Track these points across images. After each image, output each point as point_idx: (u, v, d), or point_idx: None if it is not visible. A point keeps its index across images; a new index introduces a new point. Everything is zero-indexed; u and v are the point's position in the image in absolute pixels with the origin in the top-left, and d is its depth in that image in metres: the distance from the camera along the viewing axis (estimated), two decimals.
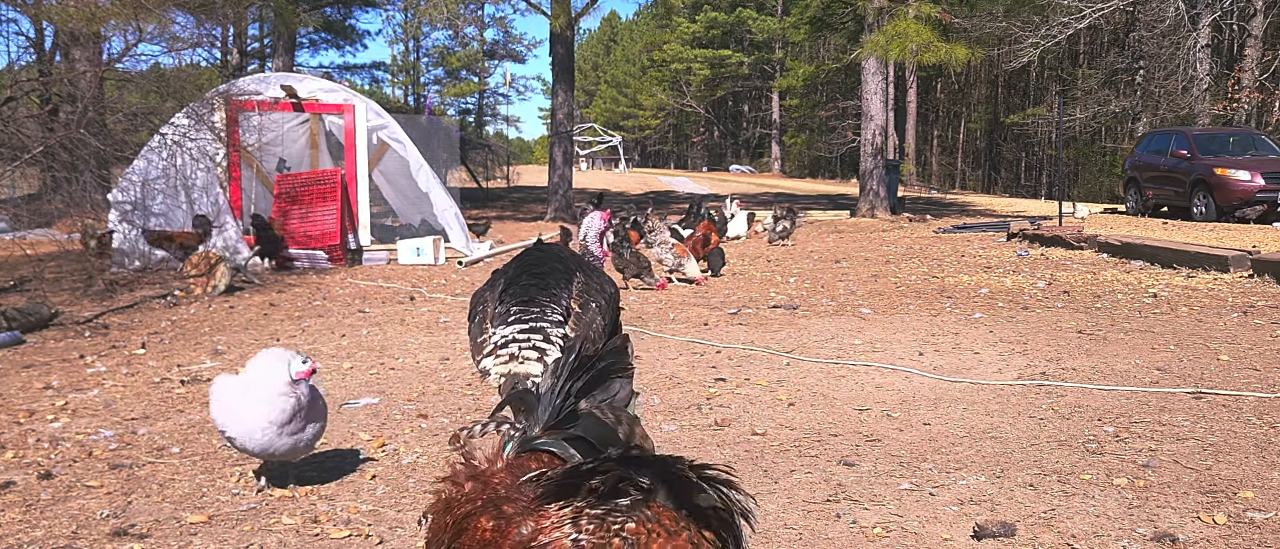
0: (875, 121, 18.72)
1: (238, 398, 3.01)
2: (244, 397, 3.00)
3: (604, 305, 2.98)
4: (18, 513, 2.94)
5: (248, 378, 3.03)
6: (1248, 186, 15.34)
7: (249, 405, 2.98)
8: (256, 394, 2.99)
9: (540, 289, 2.78)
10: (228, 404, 3.03)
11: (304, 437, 3.08)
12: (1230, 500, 2.94)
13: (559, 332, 2.66)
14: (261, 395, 2.98)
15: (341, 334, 6.08)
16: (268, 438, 2.99)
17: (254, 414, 2.98)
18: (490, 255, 11.16)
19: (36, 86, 11.54)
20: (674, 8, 55.05)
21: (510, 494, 1.30)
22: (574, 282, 2.85)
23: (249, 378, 3.03)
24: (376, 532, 2.78)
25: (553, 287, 2.82)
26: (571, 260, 3.04)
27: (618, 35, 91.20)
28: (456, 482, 1.38)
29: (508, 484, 1.32)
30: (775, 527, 2.80)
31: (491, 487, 1.34)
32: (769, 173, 57.59)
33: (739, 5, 59.79)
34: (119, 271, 8.70)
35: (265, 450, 3.03)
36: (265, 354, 3.08)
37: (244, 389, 3.01)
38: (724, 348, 5.49)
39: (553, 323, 2.72)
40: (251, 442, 3.01)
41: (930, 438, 3.66)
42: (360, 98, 11.87)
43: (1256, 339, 5.51)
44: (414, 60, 65.93)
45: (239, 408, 3.00)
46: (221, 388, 3.07)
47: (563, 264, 2.92)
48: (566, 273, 2.90)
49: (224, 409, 3.03)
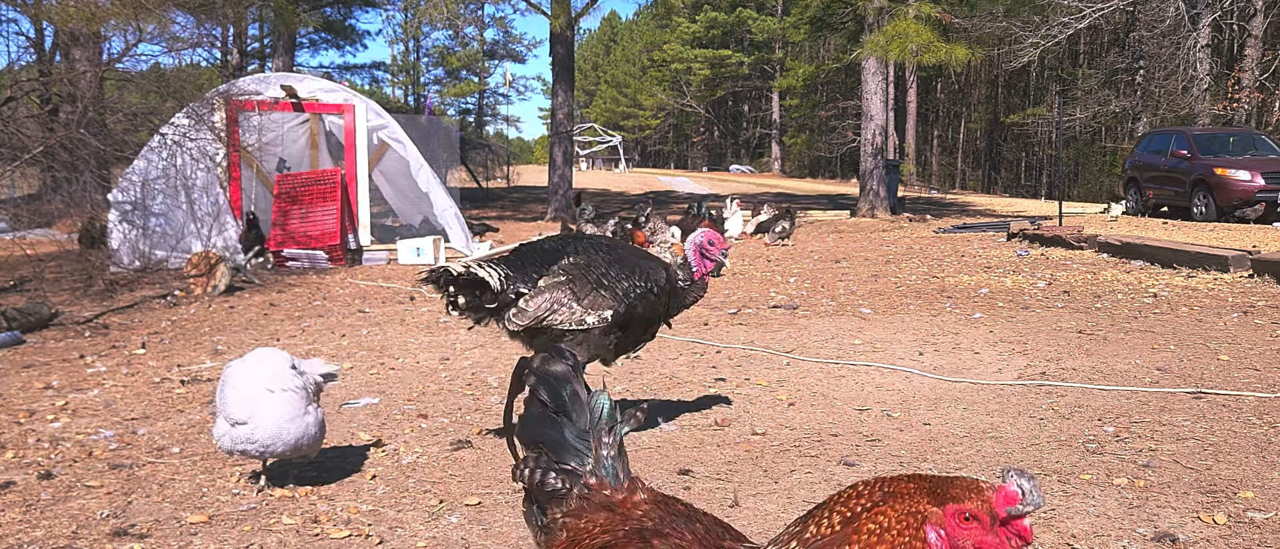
0: (875, 121, 18.71)
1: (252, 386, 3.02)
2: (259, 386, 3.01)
3: (603, 298, 3.36)
4: (18, 513, 2.94)
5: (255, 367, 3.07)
6: (1248, 186, 15.34)
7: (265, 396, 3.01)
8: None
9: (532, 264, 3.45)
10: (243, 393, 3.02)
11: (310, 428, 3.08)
12: (1230, 500, 2.94)
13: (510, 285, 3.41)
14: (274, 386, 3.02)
15: (341, 334, 6.08)
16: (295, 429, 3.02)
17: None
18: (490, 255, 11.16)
19: (36, 86, 11.54)
20: (674, 8, 55.03)
21: (661, 527, 1.31)
22: (568, 267, 3.44)
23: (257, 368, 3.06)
24: (376, 532, 2.78)
25: (544, 265, 3.43)
26: (602, 253, 3.43)
27: (618, 35, 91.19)
28: (582, 514, 1.37)
29: (656, 517, 1.33)
30: (775, 527, 2.80)
31: (634, 518, 1.34)
32: (769, 173, 57.57)
33: (739, 5, 59.77)
34: (119, 271, 8.71)
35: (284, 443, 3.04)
36: (263, 350, 3.13)
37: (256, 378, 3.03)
38: (724, 348, 5.49)
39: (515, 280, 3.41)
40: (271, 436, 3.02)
41: (930, 438, 3.66)
42: (360, 98, 11.87)
43: (1256, 339, 5.51)
44: (414, 60, 65.94)
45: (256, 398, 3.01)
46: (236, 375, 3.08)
47: (586, 255, 3.45)
48: (572, 262, 3.44)
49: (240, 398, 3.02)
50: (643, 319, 3.51)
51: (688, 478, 3.23)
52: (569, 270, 3.45)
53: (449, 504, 3.01)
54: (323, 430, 3.15)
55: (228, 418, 3.01)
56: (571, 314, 3.38)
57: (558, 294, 3.39)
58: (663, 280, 3.50)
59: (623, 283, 3.42)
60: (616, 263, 3.48)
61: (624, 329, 3.46)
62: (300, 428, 3.01)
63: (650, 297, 3.48)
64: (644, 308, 3.48)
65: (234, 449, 3.02)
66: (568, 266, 3.46)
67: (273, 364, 3.04)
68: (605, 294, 3.40)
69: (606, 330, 3.43)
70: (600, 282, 3.41)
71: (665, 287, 3.52)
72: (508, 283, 3.40)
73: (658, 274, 3.51)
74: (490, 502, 3.03)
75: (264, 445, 2.98)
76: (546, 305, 3.37)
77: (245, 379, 3.02)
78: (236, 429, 2.98)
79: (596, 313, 3.38)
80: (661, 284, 3.50)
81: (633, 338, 3.57)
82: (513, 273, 3.44)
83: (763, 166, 61.59)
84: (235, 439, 2.99)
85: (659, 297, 3.51)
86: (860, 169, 19.39)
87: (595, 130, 72.73)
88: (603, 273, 3.43)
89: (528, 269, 3.48)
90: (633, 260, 3.54)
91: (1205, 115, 23.14)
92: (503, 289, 3.38)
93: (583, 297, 3.38)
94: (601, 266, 3.44)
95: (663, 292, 3.52)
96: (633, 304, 3.43)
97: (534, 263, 3.50)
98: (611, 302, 3.40)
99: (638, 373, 4.87)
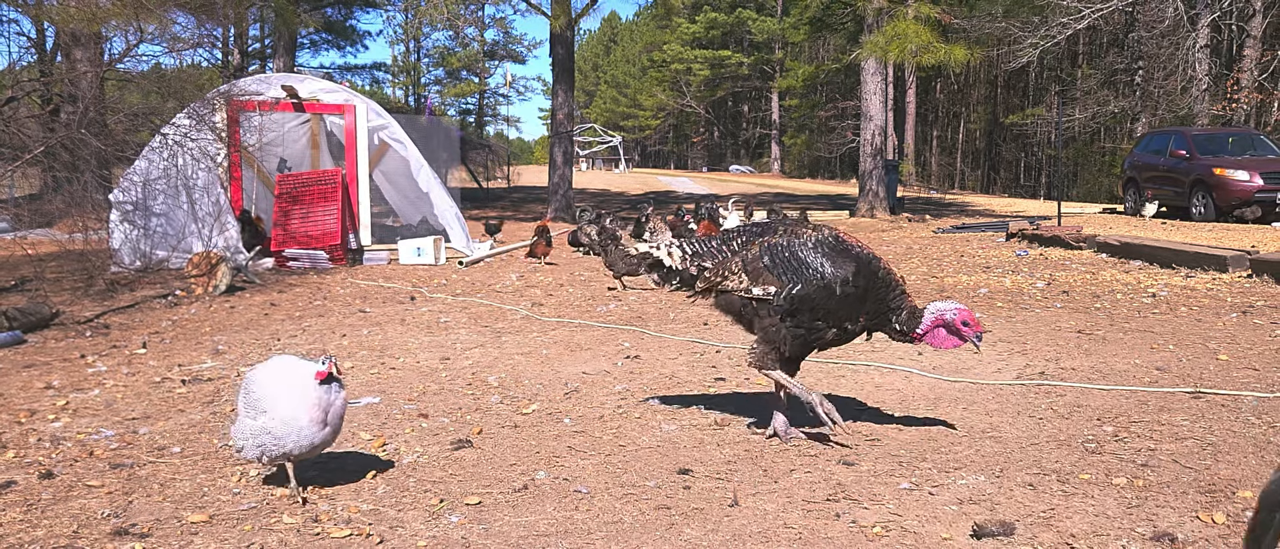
0: (874, 122, 18.73)
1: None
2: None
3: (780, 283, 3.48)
4: (19, 512, 2.94)
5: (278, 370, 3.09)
6: (1246, 187, 15.35)
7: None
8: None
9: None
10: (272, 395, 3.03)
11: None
12: (1229, 500, 2.95)
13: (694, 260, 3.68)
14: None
15: (342, 334, 6.09)
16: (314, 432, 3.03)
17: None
18: (490, 255, 11.17)
19: (37, 87, 11.54)
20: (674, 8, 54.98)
21: None
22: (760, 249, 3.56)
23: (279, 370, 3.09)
24: (377, 531, 2.79)
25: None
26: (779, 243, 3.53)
27: (618, 36, 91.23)
28: None
29: None
30: (775, 526, 2.81)
31: None
32: (769, 173, 57.60)
33: (739, 6, 59.80)
34: (119, 271, 8.71)
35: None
36: (281, 357, 3.17)
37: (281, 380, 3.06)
38: (724, 347, 5.50)
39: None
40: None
41: (930, 437, 3.67)
42: (361, 98, 11.87)
43: (1255, 339, 5.52)
44: (414, 61, 65.98)
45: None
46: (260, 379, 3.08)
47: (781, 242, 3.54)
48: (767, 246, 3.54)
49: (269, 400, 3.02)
50: (820, 312, 3.46)
51: (687, 477, 3.24)
52: (756, 248, 3.57)
53: (449, 503, 3.02)
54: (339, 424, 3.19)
55: (255, 417, 3.03)
56: (739, 282, 3.54)
57: (732, 262, 3.59)
58: (849, 278, 3.42)
59: (791, 267, 3.46)
60: (801, 250, 3.49)
61: (793, 316, 3.47)
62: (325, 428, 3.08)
63: (826, 291, 3.42)
64: (819, 300, 3.43)
65: (262, 455, 3.04)
66: (759, 244, 3.59)
67: (296, 365, 3.13)
68: (774, 273, 3.48)
69: (775, 311, 3.48)
70: (775, 261, 3.49)
71: (851, 290, 3.43)
72: (693, 259, 3.66)
73: (840, 270, 3.43)
74: (490, 501, 3.04)
75: (296, 444, 3.02)
76: (718, 271, 3.61)
77: (273, 378, 3.09)
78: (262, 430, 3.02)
79: (761, 286, 3.49)
80: (847, 282, 3.42)
81: (808, 330, 3.50)
82: (702, 249, 3.70)
83: (762, 167, 61.63)
84: (262, 442, 3.02)
85: (840, 298, 3.43)
86: (859, 169, 19.41)
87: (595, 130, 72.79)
88: (779, 255, 3.49)
89: (725, 243, 3.69)
90: (816, 253, 3.48)
91: (1204, 115, 23.15)
92: (684, 267, 3.68)
93: (750, 267, 3.53)
94: (783, 250, 3.50)
95: (845, 295, 3.43)
96: (802, 293, 3.44)
97: (733, 238, 3.69)
98: (776, 281, 3.48)
99: (638, 373, 4.88)
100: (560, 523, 2.85)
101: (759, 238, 3.59)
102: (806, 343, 3.56)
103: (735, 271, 3.56)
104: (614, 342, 5.77)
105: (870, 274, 3.47)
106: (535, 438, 3.73)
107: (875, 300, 3.50)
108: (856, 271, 3.45)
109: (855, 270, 3.45)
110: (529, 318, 6.71)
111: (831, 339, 3.57)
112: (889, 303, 3.51)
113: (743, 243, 3.62)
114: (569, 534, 2.76)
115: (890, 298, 3.51)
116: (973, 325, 3.46)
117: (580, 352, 5.48)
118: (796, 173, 54.43)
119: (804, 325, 3.50)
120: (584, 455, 3.50)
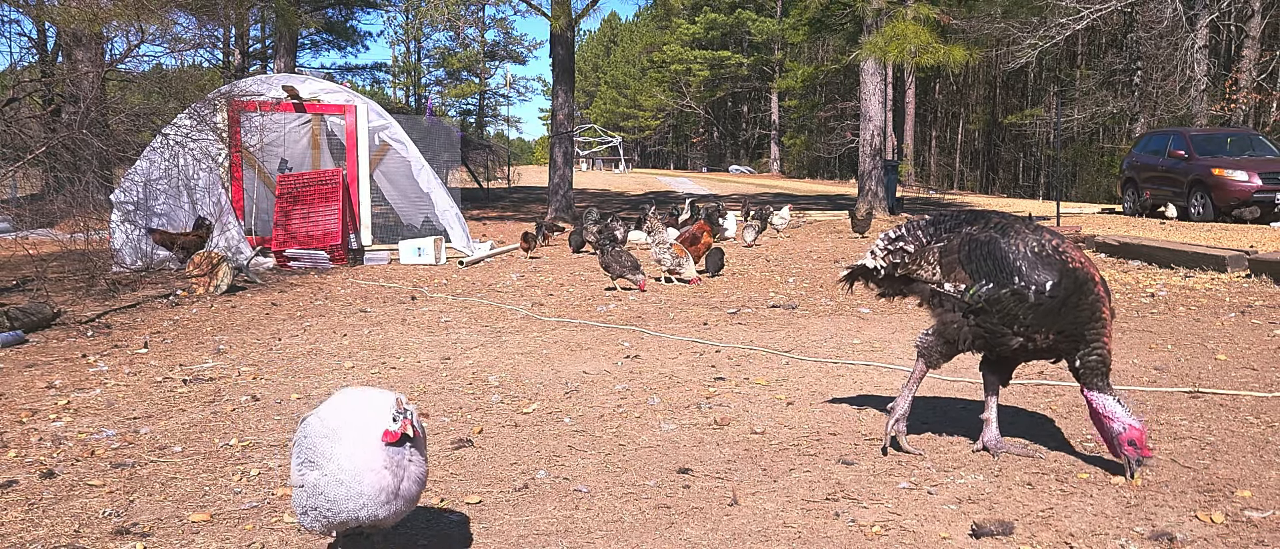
0: (873, 122, 18.74)
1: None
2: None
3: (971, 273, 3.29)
4: (20, 511, 2.95)
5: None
6: (1245, 187, 15.37)
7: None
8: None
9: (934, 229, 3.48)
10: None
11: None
12: (1228, 499, 2.96)
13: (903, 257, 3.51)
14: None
15: (343, 334, 6.10)
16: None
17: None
18: (491, 255, 11.18)
19: (39, 87, 11.56)
20: (674, 9, 55.06)
21: None
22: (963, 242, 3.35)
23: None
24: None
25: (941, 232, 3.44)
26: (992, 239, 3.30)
27: (618, 36, 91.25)
28: None
29: None
30: (774, 525, 2.82)
31: None
32: (768, 173, 57.61)
33: (738, 7, 59.82)
34: (121, 271, 8.72)
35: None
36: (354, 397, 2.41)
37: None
38: (723, 347, 5.51)
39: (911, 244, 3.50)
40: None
41: (929, 437, 3.68)
42: (362, 98, 11.88)
43: (1254, 338, 5.53)
44: (415, 61, 66.01)
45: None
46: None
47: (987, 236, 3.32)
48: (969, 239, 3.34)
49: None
50: (1007, 317, 3.22)
51: (687, 476, 3.25)
52: (955, 240, 3.39)
53: (449, 503, 3.03)
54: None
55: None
56: (933, 274, 3.42)
57: (929, 253, 3.43)
58: (1046, 289, 3.15)
59: (986, 266, 3.24)
60: (1003, 248, 3.24)
61: (976, 314, 3.28)
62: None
63: (1017, 297, 3.18)
64: (1008, 305, 3.20)
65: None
66: (958, 235, 3.39)
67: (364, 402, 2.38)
68: (966, 268, 3.29)
69: (959, 306, 3.31)
70: (970, 257, 3.28)
71: (1047, 300, 3.15)
72: (893, 244, 3.52)
73: (1040, 277, 3.16)
74: (491, 500, 3.05)
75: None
76: (915, 261, 3.47)
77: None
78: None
79: (952, 282, 3.34)
80: (1043, 291, 3.15)
81: (990, 333, 3.29)
82: (905, 233, 3.53)
83: (762, 167, 61.63)
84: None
85: (1031, 306, 3.17)
86: (859, 169, 19.42)
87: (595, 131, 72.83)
88: (976, 250, 3.28)
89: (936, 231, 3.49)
90: (1019, 255, 3.22)
91: (1203, 116, 23.17)
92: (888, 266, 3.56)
93: (944, 261, 3.36)
94: (982, 246, 3.28)
95: (1038, 304, 3.17)
96: (989, 295, 3.22)
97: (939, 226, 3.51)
98: (968, 278, 3.28)
99: (638, 372, 4.89)
100: (560, 522, 2.86)
101: (964, 227, 3.38)
102: (989, 345, 3.35)
103: (931, 262, 3.39)
104: (614, 341, 5.78)
105: (1074, 288, 3.16)
106: (535, 437, 3.75)
107: (1071, 321, 3.18)
108: (1057, 284, 3.15)
109: (1055, 282, 3.15)
110: (529, 317, 6.72)
111: (1015, 349, 3.30)
112: (1084, 332, 3.19)
113: (948, 230, 3.40)
114: (569, 533, 2.77)
115: (1088, 328, 3.18)
116: (1140, 449, 3.10)
117: (580, 351, 5.49)
118: (796, 173, 54.44)
119: (986, 327, 3.27)
120: (584, 455, 3.52)
